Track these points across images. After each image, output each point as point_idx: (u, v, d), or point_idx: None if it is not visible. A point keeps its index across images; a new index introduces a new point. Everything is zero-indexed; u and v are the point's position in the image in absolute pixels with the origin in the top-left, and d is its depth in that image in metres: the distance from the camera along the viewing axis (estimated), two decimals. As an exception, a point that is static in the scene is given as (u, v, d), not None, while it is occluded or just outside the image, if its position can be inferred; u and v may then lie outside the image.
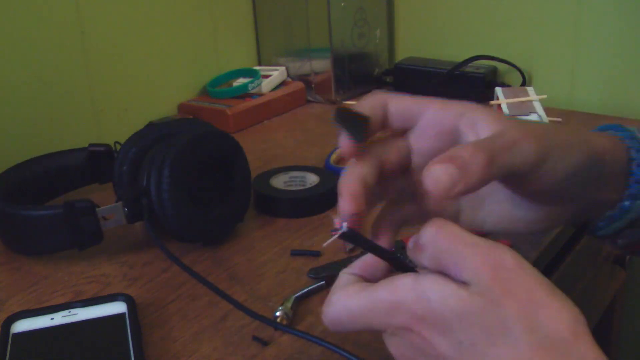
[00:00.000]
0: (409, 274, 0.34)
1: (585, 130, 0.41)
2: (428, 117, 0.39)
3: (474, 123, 0.38)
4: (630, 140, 0.42)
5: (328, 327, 0.37)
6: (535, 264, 0.59)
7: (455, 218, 0.42)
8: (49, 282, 0.58)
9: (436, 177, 0.33)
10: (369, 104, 0.39)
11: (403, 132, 0.40)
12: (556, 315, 0.31)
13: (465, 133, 0.38)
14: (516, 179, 0.37)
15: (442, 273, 0.33)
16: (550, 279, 0.32)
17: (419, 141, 0.40)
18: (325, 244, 0.35)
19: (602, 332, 1.01)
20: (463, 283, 0.32)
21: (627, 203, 0.42)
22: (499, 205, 0.41)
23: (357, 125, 0.37)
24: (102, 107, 0.90)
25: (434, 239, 0.33)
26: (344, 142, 0.37)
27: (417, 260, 0.34)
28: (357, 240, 0.35)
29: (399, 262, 0.36)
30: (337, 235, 0.34)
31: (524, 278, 0.32)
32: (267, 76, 1.05)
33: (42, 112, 0.83)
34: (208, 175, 0.62)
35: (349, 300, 0.35)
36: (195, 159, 0.60)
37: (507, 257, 0.32)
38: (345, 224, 0.34)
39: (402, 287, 0.33)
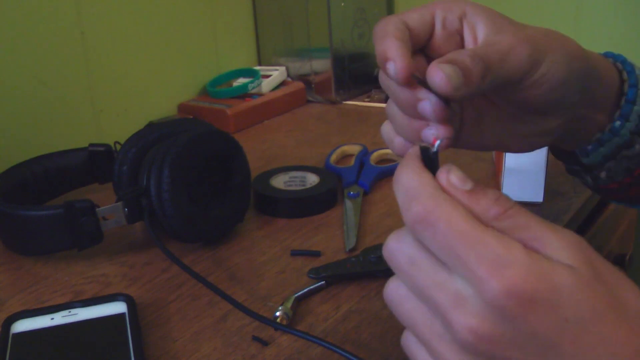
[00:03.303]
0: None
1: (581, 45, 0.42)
2: (437, 22, 0.39)
3: (474, 26, 0.38)
4: (624, 64, 0.44)
5: (394, 183, 0.32)
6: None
7: (457, 131, 0.41)
8: (49, 282, 0.58)
9: (448, 73, 0.32)
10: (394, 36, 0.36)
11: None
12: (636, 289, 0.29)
13: (466, 35, 0.38)
14: (510, 86, 0.37)
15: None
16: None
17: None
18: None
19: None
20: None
21: (618, 123, 0.42)
22: (497, 119, 0.41)
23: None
24: (102, 107, 0.90)
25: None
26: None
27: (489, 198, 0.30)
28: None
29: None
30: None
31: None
32: (267, 76, 1.05)
33: (42, 112, 0.83)
34: (208, 175, 0.62)
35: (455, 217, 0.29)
36: (195, 159, 0.60)
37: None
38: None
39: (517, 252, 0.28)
